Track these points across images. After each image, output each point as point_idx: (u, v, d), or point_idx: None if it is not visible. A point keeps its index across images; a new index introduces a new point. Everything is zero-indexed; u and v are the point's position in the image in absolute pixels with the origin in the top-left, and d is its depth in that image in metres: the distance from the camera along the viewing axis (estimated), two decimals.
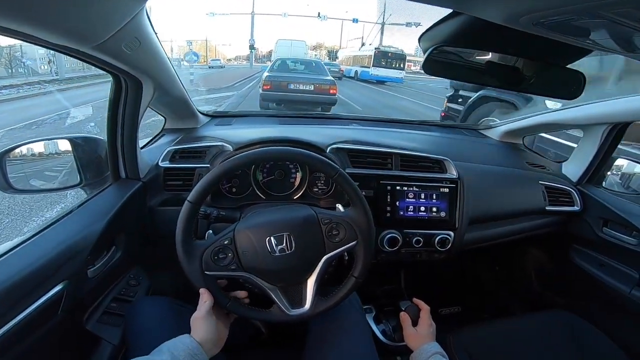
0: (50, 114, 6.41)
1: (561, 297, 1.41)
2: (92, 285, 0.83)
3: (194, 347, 0.62)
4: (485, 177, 1.22)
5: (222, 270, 0.71)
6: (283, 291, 0.75)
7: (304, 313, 0.74)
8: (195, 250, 0.70)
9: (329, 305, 0.76)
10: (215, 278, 0.72)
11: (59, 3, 0.47)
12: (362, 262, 0.76)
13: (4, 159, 0.84)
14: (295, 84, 6.67)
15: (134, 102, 0.87)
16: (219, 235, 0.74)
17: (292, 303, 0.75)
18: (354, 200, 0.77)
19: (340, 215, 0.77)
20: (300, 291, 0.76)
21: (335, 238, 0.75)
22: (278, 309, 0.74)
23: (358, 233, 0.75)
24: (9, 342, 0.61)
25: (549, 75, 0.71)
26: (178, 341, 0.63)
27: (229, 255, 0.71)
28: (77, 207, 0.86)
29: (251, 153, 0.75)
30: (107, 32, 0.59)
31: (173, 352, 0.60)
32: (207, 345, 0.65)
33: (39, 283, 0.67)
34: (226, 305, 0.72)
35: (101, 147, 0.96)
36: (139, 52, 0.73)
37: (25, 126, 5.36)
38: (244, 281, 0.76)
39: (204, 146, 1.08)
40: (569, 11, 0.43)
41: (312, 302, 0.74)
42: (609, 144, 1.24)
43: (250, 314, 0.74)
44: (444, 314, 1.55)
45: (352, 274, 0.77)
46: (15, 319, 0.62)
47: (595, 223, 1.23)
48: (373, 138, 1.21)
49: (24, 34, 0.50)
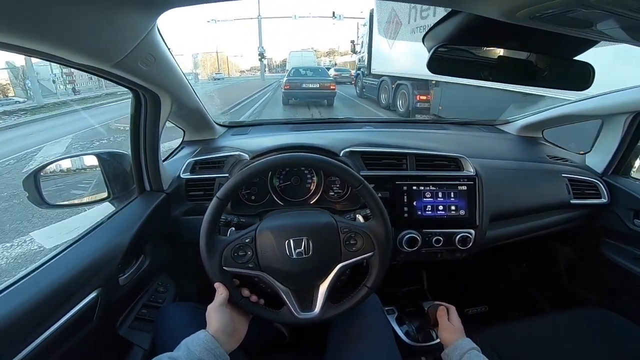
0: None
1: (593, 294, 1.36)
2: (123, 292, 0.87)
3: (209, 340, 0.64)
4: (504, 172, 1.20)
5: (240, 268, 0.73)
6: (295, 294, 0.76)
7: (312, 317, 0.75)
8: (217, 245, 0.73)
9: (338, 312, 0.76)
10: (232, 274, 0.74)
11: (76, 24, 0.51)
12: (376, 273, 0.76)
13: (39, 175, 0.90)
14: (306, 84, 10.04)
15: (154, 116, 0.91)
16: (241, 232, 0.76)
17: (302, 306, 0.76)
18: (374, 213, 0.78)
19: (359, 226, 0.78)
20: (311, 295, 0.77)
21: (352, 247, 0.76)
22: (287, 310, 0.75)
23: (376, 245, 0.76)
24: (50, 347, 0.64)
25: (557, 68, 0.70)
26: (195, 337, 0.65)
27: (249, 253, 0.74)
28: (107, 219, 0.90)
29: (280, 157, 0.78)
30: (124, 51, 0.63)
31: (189, 347, 0.62)
32: (222, 338, 0.66)
33: (75, 290, 0.71)
34: (239, 301, 0.74)
35: (126, 161, 1.00)
36: (154, 67, 0.76)
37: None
38: (259, 280, 0.78)
39: (222, 156, 1.11)
40: (561, 3, 0.43)
41: (322, 307, 0.75)
42: (633, 134, 1.20)
43: (260, 312, 0.76)
44: (471, 314, 1.51)
45: (365, 284, 0.77)
46: (55, 325, 0.65)
47: (625, 215, 1.19)
48: (386, 139, 1.21)
49: (47, 54, 0.54)
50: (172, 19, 67.10)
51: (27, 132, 8.13)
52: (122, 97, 11.27)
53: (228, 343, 0.67)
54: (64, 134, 6.95)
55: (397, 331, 1.22)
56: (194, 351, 0.61)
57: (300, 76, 10.56)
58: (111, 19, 0.53)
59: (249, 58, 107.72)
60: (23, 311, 0.61)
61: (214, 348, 0.63)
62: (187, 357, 0.60)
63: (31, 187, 0.88)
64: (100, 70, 0.66)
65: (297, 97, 10.29)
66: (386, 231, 0.77)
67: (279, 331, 1.13)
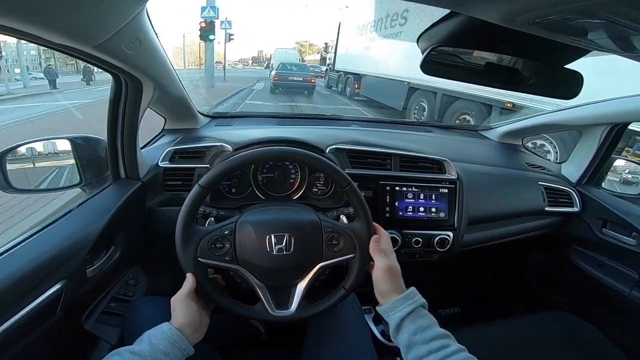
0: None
1: (561, 298, 1.42)
2: (91, 284, 0.83)
3: (174, 333, 0.61)
4: (484, 177, 1.23)
5: (216, 260, 0.71)
6: (271, 290, 0.74)
7: (287, 315, 0.73)
8: (194, 236, 0.70)
9: (314, 312, 0.75)
10: (206, 266, 0.71)
11: (60, 3, 0.47)
12: (355, 275, 0.75)
13: (4, 158, 0.84)
14: (291, 77, 12.36)
15: (134, 102, 0.87)
16: (220, 224, 0.74)
17: (278, 304, 0.74)
18: (359, 214, 0.76)
19: (343, 227, 0.77)
20: (288, 293, 0.75)
21: (334, 247, 0.75)
22: (262, 307, 0.73)
23: (357, 247, 0.75)
24: (8, 341, 0.60)
25: (547, 75, 0.71)
26: (158, 329, 0.61)
27: (226, 245, 0.71)
28: (77, 206, 0.86)
29: (269, 149, 0.76)
30: (108, 32, 0.59)
31: (152, 340, 0.59)
32: (187, 331, 0.63)
33: (38, 282, 0.67)
34: (211, 295, 0.71)
35: (101, 147, 0.96)
36: (139, 52, 0.73)
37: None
38: (234, 274, 0.76)
39: (203, 146, 1.08)
40: (564, 10, 0.43)
41: (298, 306, 0.74)
42: (608, 145, 1.24)
43: (233, 307, 0.73)
44: (444, 314, 1.55)
45: (343, 285, 0.76)
46: (13, 318, 0.61)
47: (594, 224, 1.24)
48: (372, 139, 1.21)
49: (26, 33, 0.50)
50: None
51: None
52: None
53: (193, 336, 0.65)
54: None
55: (373, 330, 1.23)
56: (157, 345, 0.58)
57: (287, 70, 12.64)
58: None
59: (240, 48, 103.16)
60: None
61: (179, 341, 0.60)
62: (150, 351, 0.57)
63: None
64: (79, 51, 0.62)
65: (283, 87, 12.36)
66: (369, 234, 0.76)
67: (255, 327, 1.11)
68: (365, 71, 9.33)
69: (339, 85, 12.78)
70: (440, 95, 5.80)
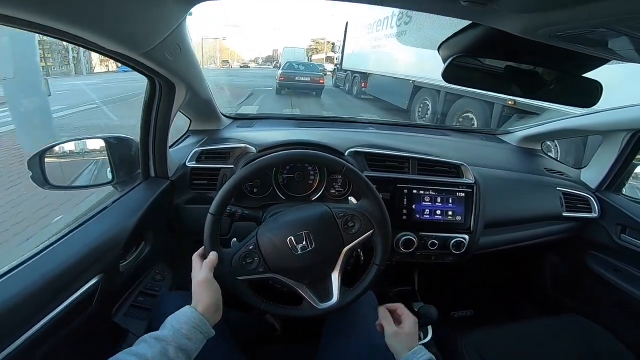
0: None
1: (575, 302, 1.41)
2: (122, 278, 0.87)
3: (195, 317, 0.62)
4: (501, 182, 1.23)
5: (252, 274, 0.74)
6: (310, 287, 0.78)
7: (332, 305, 0.77)
8: (224, 259, 0.74)
9: (355, 294, 0.78)
10: (246, 282, 0.75)
11: (116, 12, 0.51)
12: (381, 249, 0.78)
13: (44, 156, 0.90)
14: (298, 77, 11.21)
15: (167, 104, 0.91)
16: (243, 241, 0.77)
17: (321, 297, 0.77)
18: (364, 192, 0.79)
19: (353, 207, 0.80)
20: (326, 285, 0.78)
21: (351, 230, 0.78)
22: (308, 304, 0.77)
23: (373, 222, 0.78)
24: (49, 332, 0.64)
25: (565, 83, 0.73)
26: (180, 313, 0.63)
27: (255, 259, 0.75)
28: (111, 203, 0.91)
29: (268, 158, 0.79)
30: (155, 40, 0.64)
31: (174, 325, 0.60)
32: (209, 312, 0.64)
33: (78, 276, 0.71)
34: (260, 306, 0.75)
35: (133, 147, 1.01)
36: (178, 58, 0.77)
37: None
38: (273, 282, 0.79)
39: (228, 147, 1.12)
40: (585, 25, 0.45)
41: (340, 294, 0.77)
42: (629, 151, 1.23)
43: (282, 311, 0.77)
44: (457, 316, 1.56)
45: (373, 262, 0.79)
46: (55, 310, 0.65)
47: (612, 229, 1.23)
48: (390, 142, 1.23)
49: (82, 39, 0.54)
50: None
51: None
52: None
53: (214, 316, 0.66)
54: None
55: None
56: (179, 329, 0.60)
57: (294, 70, 11.71)
58: (150, 7, 0.54)
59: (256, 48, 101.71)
60: (25, 296, 0.60)
61: (200, 325, 0.62)
62: (173, 336, 0.59)
63: (36, 167, 0.87)
64: (127, 57, 0.67)
65: (289, 88, 11.40)
66: (380, 207, 0.78)
67: (271, 325, 1.15)
68: (371, 70, 9.31)
69: (347, 84, 12.55)
70: (443, 94, 5.80)
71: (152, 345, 0.57)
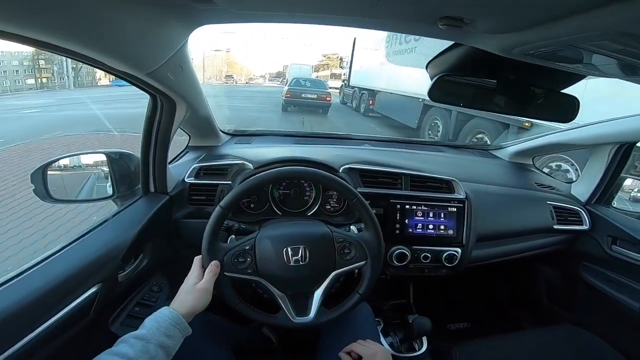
0: None
1: (570, 312, 1.42)
2: (121, 289, 0.89)
3: (174, 316, 0.66)
4: (493, 197, 1.26)
5: (239, 273, 0.77)
6: (291, 299, 0.80)
7: (307, 322, 0.79)
8: (218, 252, 0.77)
9: (331, 317, 0.80)
10: (231, 279, 0.78)
11: (125, 36, 0.56)
12: (367, 281, 0.82)
13: (46, 170, 0.93)
14: (305, 94, 11.16)
15: (168, 121, 0.95)
16: (241, 240, 0.80)
17: (298, 311, 0.80)
18: (368, 225, 0.83)
19: (354, 237, 0.84)
20: (306, 301, 0.81)
21: (346, 256, 0.82)
22: (284, 315, 0.79)
23: (368, 254, 0.81)
24: (48, 337, 0.66)
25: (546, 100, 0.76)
26: (158, 314, 0.66)
27: (248, 259, 0.78)
28: (112, 216, 0.93)
29: (282, 170, 0.83)
30: (160, 61, 0.68)
31: (153, 324, 0.64)
32: (188, 315, 0.68)
33: (78, 284, 0.74)
34: (236, 305, 0.77)
35: (134, 162, 1.04)
36: (180, 77, 0.81)
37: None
38: (256, 286, 0.81)
39: (226, 164, 1.15)
40: (552, 43, 0.49)
41: (317, 313, 0.79)
42: (617, 164, 1.26)
43: (257, 316, 0.79)
44: (453, 329, 1.56)
45: (357, 291, 0.82)
46: (54, 317, 0.67)
47: (604, 241, 1.25)
48: (384, 158, 1.26)
49: (92, 59, 0.58)
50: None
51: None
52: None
53: (189, 320, 0.69)
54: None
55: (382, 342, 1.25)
56: (158, 328, 0.63)
57: (300, 86, 11.62)
58: (156, 31, 0.58)
59: (264, 63, 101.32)
60: (24, 303, 0.62)
61: (179, 323, 0.65)
62: (153, 334, 0.62)
63: (38, 180, 0.90)
64: (133, 77, 0.71)
65: (295, 105, 11.40)
66: (378, 242, 0.82)
67: (267, 337, 1.15)
68: (380, 87, 9.18)
69: (354, 102, 12.38)
70: (455, 113, 5.65)
71: (132, 345, 0.60)
